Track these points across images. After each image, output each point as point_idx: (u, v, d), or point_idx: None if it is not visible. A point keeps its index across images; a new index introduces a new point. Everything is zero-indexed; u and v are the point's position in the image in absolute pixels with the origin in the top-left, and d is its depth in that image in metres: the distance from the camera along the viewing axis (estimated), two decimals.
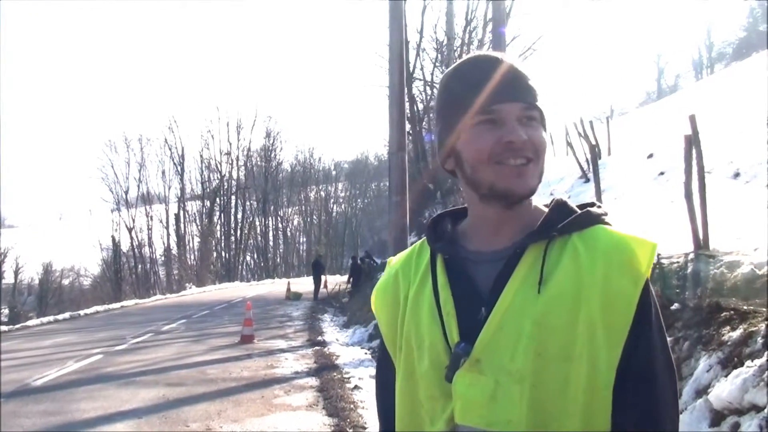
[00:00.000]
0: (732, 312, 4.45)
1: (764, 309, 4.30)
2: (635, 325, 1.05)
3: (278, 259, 70.77)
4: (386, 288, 1.31)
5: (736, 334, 4.13)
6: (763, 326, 3.98)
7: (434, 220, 1.31)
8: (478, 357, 1.09)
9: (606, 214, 1.17)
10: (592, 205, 1.20)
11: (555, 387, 1.04)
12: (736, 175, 10.67)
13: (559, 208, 1.18)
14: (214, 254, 58.66)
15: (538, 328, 1.06)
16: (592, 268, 1.07)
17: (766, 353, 3.68)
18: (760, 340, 3.89)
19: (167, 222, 57.77)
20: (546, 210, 1.19)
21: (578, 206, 1.20)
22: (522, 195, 1.14)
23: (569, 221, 1.13)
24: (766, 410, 3.35)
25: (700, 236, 6.54)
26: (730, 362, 3.98)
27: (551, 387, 1.04)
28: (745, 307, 4.47)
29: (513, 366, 1.06)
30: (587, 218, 1.15)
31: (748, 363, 3.73)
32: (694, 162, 6.79)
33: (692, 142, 6.81)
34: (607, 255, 1.08)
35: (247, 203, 65.17)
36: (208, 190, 60.01)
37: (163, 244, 57.58)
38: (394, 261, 1.35)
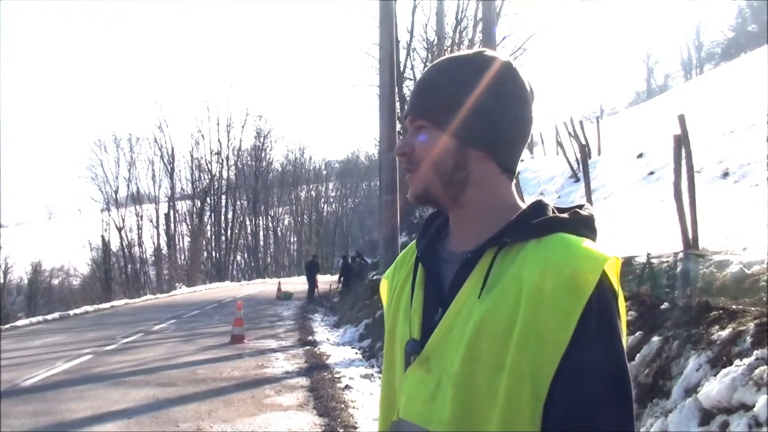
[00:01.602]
0: (721, 311, 4.47)
1: (753, 308, 4.32)
2: (574, 343, 1.00)
3: (269, 259, 70.68)
4: (388, 278, 1.38)
5: (725, 333, 4.15)
6: (751, 325, 4.00)
7: (430, 217, 1.33)
8: (428, 356, 1.12)
9: (580, 220, 1.14)
10: (580, 207, 1.17)
11: (484, 395, 1.04)
12: (725, 174, 10.72)
13: (530, 211, 1.15)
14: (205, 254, 58.55)
15: (477, 334, 1.06)
16: (532, 279, 1.04)
17: (754, 352, 3.71)
18: (749, 339, 3.91)
19: (157, 222, 57.67)
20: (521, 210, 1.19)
21: (564, 209, 1.18)
22: (411, 201, 1.22)
23: (524, 228, 1.11)
24: (754, 409, 3.37)
25: (690, 236, 6.57)
26: (719, 361, 4.00)
27: (481, 394, 1.04)
28: (734, 307, 4.49)
29: (452, 369, 1.08)
30: (546, 225, 1.11)
31: (737, 362, 3.75)
32: (684, 162, 6.82)
33: (681, 141, 6.84)
34: (551, 267, 1.04)
35: (238, 203, 65.04)
36: (198, 189, 59.86)
37: (153, 243, 57.46)
38: (401, 253, 1.39)
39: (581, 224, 1.13)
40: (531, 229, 1.10)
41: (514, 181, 1.25)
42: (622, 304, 1.09)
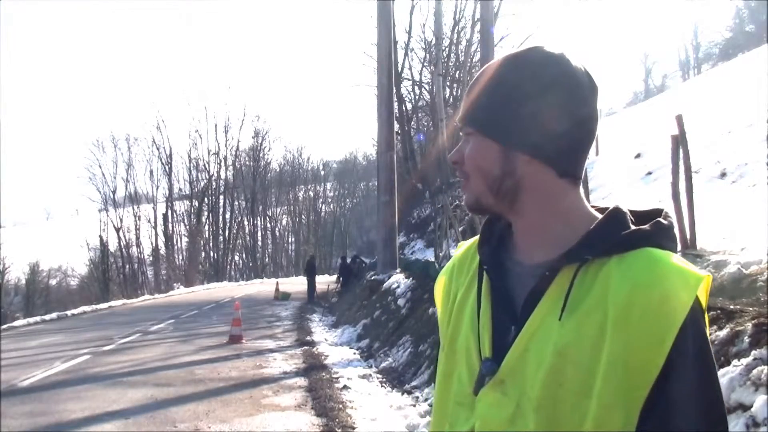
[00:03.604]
0: (719, 311, 4.47)
1: (751, 308, 4.32)
2: (667, 369, 0.94)
3: (267, 259, 70.69)
4: (443, 280, 1.29)
5: (722, 334, 4.15)
6: (749, 325, 4.00)
7: (491, 219, 1.22)
8: (503, 378, 1.05)
9: (663, 231, 1.05)
10: (659, 213, 1.09)
11: (570, 421, 0.98)
12: (723, 174, 10.73)
13: (609, 221, 1.06)
14: (203, 254, 58.53)
15: (559, 357, 0.99)
16: (619, 302, 0.97)
17: (752, 352, 3.70)
18: (746, 340, 3.91)
19: (155, 222, 57.60)
20: (597, 219, 1.09)
21: (643, 213, 1.11)
22: (469, 212, 1.16)
23: (605, 243, 1.02)
24: (752, 409, 3.37)
25: (687, 236, 6.57)
26: (716, 361, 4.00)
27: (567, 420, 0.98)
28: (731, 307, 4.49)
29: (533, 393, 1.01)
30: (633, 239, 1.02)
31: (734, 362, 3.75)
32: (681, 162, 6.83)
33: (679, 142, 6.84)
34: (639, 288, 0.96)
35: (236, 203, 65.05)
36: (196, 189, 59.83)
37: (151, 244, 57.41)
38: (459, 251, 1.30)
39: (664, 236, 1.05)
40: (613, 244, 1.02)
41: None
42: (706, 320, 1.02)
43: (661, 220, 1.06)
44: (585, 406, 0.97)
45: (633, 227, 1.04)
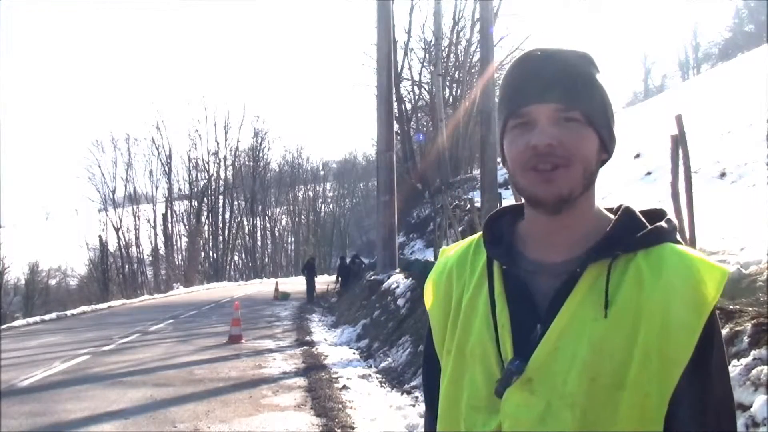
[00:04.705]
0: (718, 311, 4.47)
1: (750, 308, 4.32)
2: (694, 359, 0.99)
3: (266, 259, 70.63)
4: (439, 283, 1.25)
5: (722, 334, 4.16)
6: (749, 326, 4.00)
7: (492, 218, 1.23)
8: (531, 376, 1.04)
9: (676, 229, 1.10)
10: (661, 213, 1.13)
11: (606, 414, 1.00)
12: (722, 175, 10.74)
13: (626, 219, 1.10)
14: (202, 254, 58.48)
15: (593, 352, 1.01)
16: (653, 293, 1.01)
17: (752, 352, 3.71)
18: (746, 340, 3.91)
19: (155, 222, 57.55)
20: (610, 217, 1.13)
21: (646, 212, 1.14)
22: (548, 202, 1.07)
23: (636, 239, 1.06)
24: (752, 409, 3.37)
25: (687, 236, 6.57)
26: None
27: (602, 414, 1.00)
28: (731, 307, 4.49)
29: (565, 389, 1.01)
30: (655, 235, 1.07)
31: (734, 362, 3.75)
32: (681, 162, 6.82)
33: (679, 142, 6.83)
34: (671, 280, 1.01)
35: (235, 203, 64.99)
36: (195, 189, 59.79)
37: (151, 244, 57.35)
38: (450, 253, 1.28)
39: (677, 232, 1.10)
40: (640, 240, 1.06)
41: None
42: None
43: (671, 218, 1.11)
44: (618, 397, 1.00)
45: (648, 225, 1.09)
